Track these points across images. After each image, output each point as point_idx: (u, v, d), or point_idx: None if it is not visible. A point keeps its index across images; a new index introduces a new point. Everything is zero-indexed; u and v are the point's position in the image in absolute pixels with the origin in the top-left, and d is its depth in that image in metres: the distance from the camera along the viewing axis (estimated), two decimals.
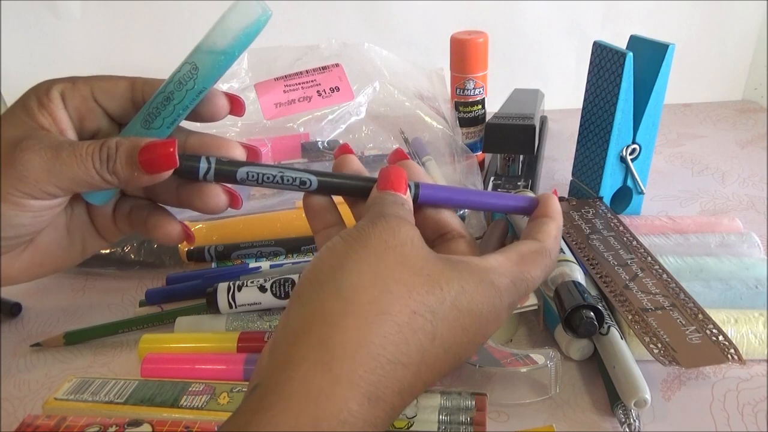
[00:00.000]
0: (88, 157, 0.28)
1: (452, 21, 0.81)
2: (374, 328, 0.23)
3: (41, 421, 0.35)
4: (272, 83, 0.56)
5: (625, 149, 0.52)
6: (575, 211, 0.51)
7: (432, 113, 0.62)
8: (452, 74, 0.63)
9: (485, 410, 0.34)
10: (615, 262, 0.44)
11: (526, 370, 0.36)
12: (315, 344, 0.23)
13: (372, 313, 0.23)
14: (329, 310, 0.23)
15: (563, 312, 0.37)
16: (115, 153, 0.28)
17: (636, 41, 0.51)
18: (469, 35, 0.60)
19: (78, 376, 0.39)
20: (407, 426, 0.34)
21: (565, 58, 0.86)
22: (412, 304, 0.24)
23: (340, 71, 0.58)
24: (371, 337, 0.23)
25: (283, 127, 0.63)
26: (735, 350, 0.35)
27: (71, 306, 0.50)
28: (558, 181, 0.65)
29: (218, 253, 0.52)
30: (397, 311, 0.24)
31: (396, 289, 0.24)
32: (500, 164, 0.62)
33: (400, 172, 0.30)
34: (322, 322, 0.23)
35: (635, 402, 0.34)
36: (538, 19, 0.84)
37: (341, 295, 0.24)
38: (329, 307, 0.24)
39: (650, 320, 0.38)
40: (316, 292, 0.24)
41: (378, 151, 0.66)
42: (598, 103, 0.52)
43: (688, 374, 0.39)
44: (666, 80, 0.50)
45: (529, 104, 0.63)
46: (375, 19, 0.85)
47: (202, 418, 0.35)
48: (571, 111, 0.67)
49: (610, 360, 0.37)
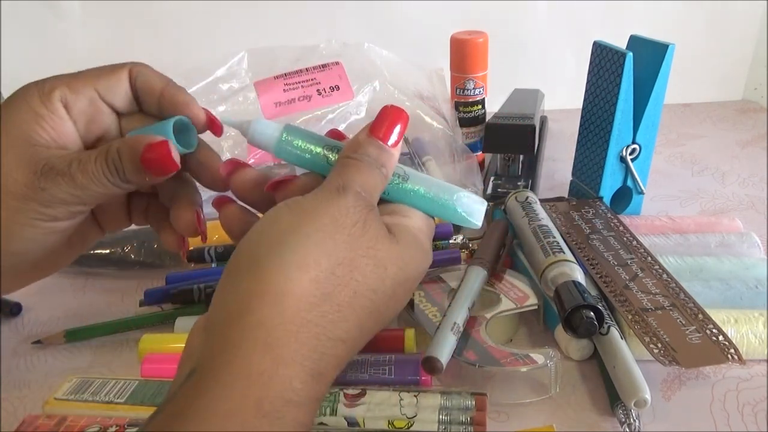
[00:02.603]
0: (100, 173, 0.28)
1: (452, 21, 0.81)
2: (316, 308, 0.23)
3: (41, 421, 0.35)
4: (272, 82, 0.56)
5: (625, 149, 0.52)
6: (575, 211, 0.51)
7: (432, 113, 0.62)
8: (452, 74, 0.63)
9: (485, 410, 0.34)
10: (615, 262, 0.44)
11: (526, 370, 0.36)
12: (255, 324, 0.22)
13: (315, 294, 0.23)
14: (270, 289, 0.22)
15: (563, 312, 0.37)
16: (120, 162, 0.28)
17: (636, 41, 0.51)
18: (469, 35, 0.60)
19: (78, 376, 0.39)
20: (407, 426, 0.34)
21: (565, 58, 0.86)
22: (355, 285, 0.24)
23: (341, 69, 0.58)
24: (312, 317, 0.22)
25: None
26: (735, 350, 0.35)
27: (71, 306, 0.50)
28: (558, 181, 0.65)
29: (218, 254, 0.52)
30: (339, 292, 0.23)
31: (340, 272, 0.23)
32: (500, 164, 0.62)
33: (400, 116, 0.28)
34: (262, 301, 0.22)
35: (635, 402, 0.34)
36: (538, 19, 0.84)
37: (283, 274, 0.23)
38: (270, 285, 0.22)
39: (650, 320, 0.38)
40: (255, 267, 0.23)
41: None
42: (598, 103, 0.52)
43: (688, 374, 0.39)
44: (666, 80, 0.50)
45: (529, 104, 0.63)
46: (375, 19, 0.85)
47: None
48: (571, 111, 0.67)
49: (610, 360, 0.37)
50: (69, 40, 0.83)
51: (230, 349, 0.22)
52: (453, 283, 0.44)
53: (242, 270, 0.24)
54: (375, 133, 0.28)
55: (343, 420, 0.35)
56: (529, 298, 0.42)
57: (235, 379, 0.21)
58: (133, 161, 0.28)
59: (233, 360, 0.21)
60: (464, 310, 0.38)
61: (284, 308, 0.22)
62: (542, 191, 0.62)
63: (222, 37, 0.85)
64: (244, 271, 0.23)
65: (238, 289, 0.23)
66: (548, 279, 0.41)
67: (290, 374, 0.22)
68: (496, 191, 0.59)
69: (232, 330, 0.22)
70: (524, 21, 0.84)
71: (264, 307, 0.22)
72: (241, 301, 0.23)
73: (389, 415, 0.34)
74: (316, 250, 0.23)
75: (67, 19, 0.83)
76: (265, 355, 0.21)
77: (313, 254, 0.23)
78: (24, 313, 0.49)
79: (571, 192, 0.58)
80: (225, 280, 0.24)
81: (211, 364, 0.22)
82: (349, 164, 0.27)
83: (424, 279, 0.45)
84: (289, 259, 0.23)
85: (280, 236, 0.24)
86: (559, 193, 0.59)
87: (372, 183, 0.27)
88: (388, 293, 0.25)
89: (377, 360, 0.38)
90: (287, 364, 0.22)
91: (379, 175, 0.27)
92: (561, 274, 0.40)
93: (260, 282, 0.23)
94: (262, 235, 0.24)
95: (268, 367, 0.21)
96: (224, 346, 0.22)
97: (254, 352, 0.21)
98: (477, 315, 0.40)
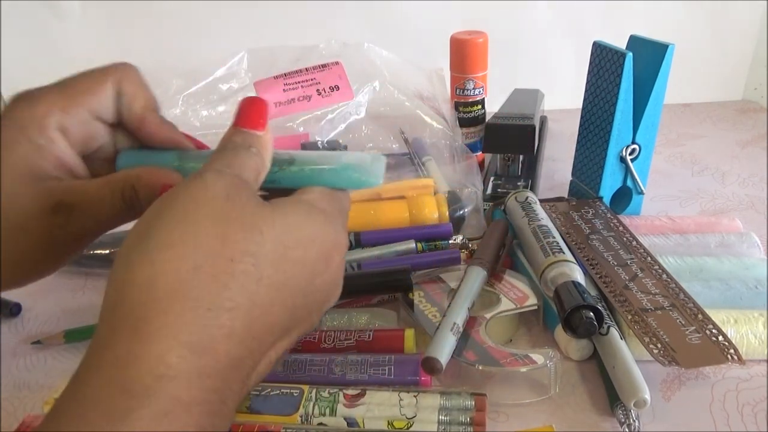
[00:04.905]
0: (117, 209, 0.29)
1: (452, 21, 0.81)
2: (186, 282, 0.22)
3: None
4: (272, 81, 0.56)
5: (624, 149, 0.52)
6: (575, 211, 0.52)
7: (432, 113, 0.62)
8: (452, 74, 0.63)
9: (485, 410, 0.34)
10: (615, 263, 0.44)
11: (525, 370, 0.36)
12: (127, 312, 0.22)
13: (183, 269, 0.23)
14: (138, 275, 0.23)
15: (563, 312, 0.37)
16: (138, 199, 0.29)
17: (636, 41, 0.51)
18: (469, 35, 0.60)
19: None
20: (407, 426, 0.34)
21: (565, 58, 0.86)
22: (228, 252, 0.23)
23: (340, 69, 0.58)
24: (184, 290, 0.22)
25: (282, 127, 0.63)
26: (735, 350, 0.35)
27: (71, 306, 0.50)
28: (558, 181, 0.65)
29: None
30: (211, 263, 0.23)
31: (207, 243, 0.23)
32: (500, 164, 0.62)
33: (255, 101, 0.29)
34: (132, 288, 0.23)
35: (635, 402, 0.34)
36: (538, 19, 0.84)
37: (148, 257, 0.23)
38: (138, 271, 0.23)
39: (650, 320, 0.38)
40: (126, 258, 0.24)
41: (378, 151, 0.66)
42: (598, 103, 0.52)
43: (687, 374, 0.39)
44: (666, 80, 0.50)
45: (529, 104, 0.63)
46: (375, 19, 0.85)
47: None
48: (570, 111, 0.67)
49: (609, 360, 0.37)
50: (69, 40, 0.83)
51: (102, 340, 0.22)
52: (453, 284, 0.44)
53: (118, 263, 0.24)
54: (237, 123, 0.28)
55: (343, 420, 0.35)
56: (528, 299, 0.42)
57: (101, 366, 0.21)
58: (150, 199, 0.28)
59: (103, 347, 0.22)
60: (464, 310, 0.38)
61: (153, 289, 0.22)
62: (542, 191, 0.62)
63: (222, 37, 0.85)
64: (120, 264, 0.24)
65: (114, 280, 0.24)
66: (548, 279, 0.41)
67: (160, 349, 0.21)
68: (496, 191, 0.59)
69: (108, 322, 0.23)
70: (524, 21, 0.84)
71: (134, 292, 0.23)
72: (117, 292, 0.23)
73: (389, 416, 0.34)
74: (179, 228, 0.24)
75: (67, 19, 0.83)
76: (133, 337, 0.22)
77: (177, 232, 0.23)
78: (24, 314, 0.49)
79: (571, 192, 0.58)
80: (109, 276, 0.24)
81: (87, 357, 0.22)
82: (213, 155, 0.27)
83: (423, 279, 0.46)
84: (153, 243, 0.23)
85: (146, 224, 0.24)
86: (558, 194, 0.59)
87: (239, 162, 0.27)
88: (275, 257, 0.25)
89: (377, 360, 0.38)
90: (156, 341, 0.22)
91: (247, 154, 0.27)
92: (561, 274, 0.40)
93: (129, 270, 0.23)
94: (133, 229, 0.25)
95: (136, 347, 0.21)
96: (99, 338, 0.22)
97: (122, 336, 0.22)
98: (477, 315, 0.40)
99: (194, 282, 0.23)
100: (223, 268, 0.23)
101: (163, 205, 0.24)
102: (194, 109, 0.62)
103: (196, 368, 0.22)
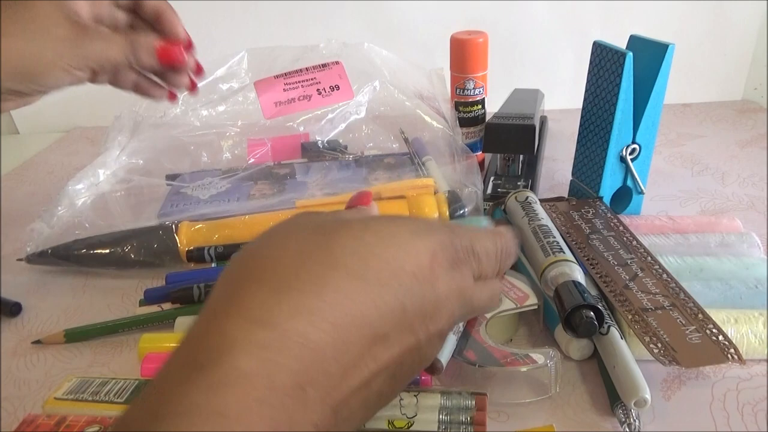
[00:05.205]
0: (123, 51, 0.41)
1: (452, 21, 0.81)
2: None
3: (41, 421, 0.35)
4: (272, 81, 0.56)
5: (625, 149, 0.52)
6: (575, 211, 0.52)
7: (432, 113, 0.62)
8: (452, 74, 0.63)
9: (485, 410, 0.34)
10: (615, 262, 0.44)
11: (525, 370, 0.36)
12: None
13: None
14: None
15: (563, 312, 0.37)
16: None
17: (636, 41, 0.51)
18: (469, 35, 0.60)
19: (78, 375, 0.39)
20: (407, 426, 0.34)
21: (565, 58, 0.86)
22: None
23: (340, 69, 0.58)
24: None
25: (283, 126, 0.64)
26: (735, 350, 0.35)
27: (71, 306, 0.50)
28: (558, 181, 0.65)
29: (218, 254, 0.52)
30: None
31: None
32: (500, 164, 0.62)
33: (365, 194, 0.33)
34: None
35: (635, 402, 0.34)
36: (538, 19, 0.84)
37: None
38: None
39: (650, 320, 0.38)
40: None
41: (378, 150, 0.66)
42: (598, 103, 0.52)
43: (688, 374, 0.39)
44: (666, 80, 0.50)
45: (529, 104, 0.63)
46: (375, 19, 0.85)
47: None
48: (571, 111, 0.67)
49: (610, 360, 0.37)
50: None
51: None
52: None
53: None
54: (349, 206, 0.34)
55: None
56: (529, 298, 0.42)
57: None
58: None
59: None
60: None
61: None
62: (542, 191, 0.62)
63: (222, 38, 0.85)
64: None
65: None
66: (548, 279, 0.41)
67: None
68: (496, 191, 0.59)
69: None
70: (524, 21, 0.84)
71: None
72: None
73: (389, 415, 0.34)
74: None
75: None
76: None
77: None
78: (24, 313, 0.49)
79: (571, 192, 0.58)
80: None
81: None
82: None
83: None
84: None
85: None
86: (559, 193, 0.59)
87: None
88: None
89: None
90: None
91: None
92: (561, 273, 0.40)
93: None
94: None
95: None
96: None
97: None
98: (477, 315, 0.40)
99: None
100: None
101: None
102: (194, 109, 0.62)
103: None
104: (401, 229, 0.25)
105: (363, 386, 0.22)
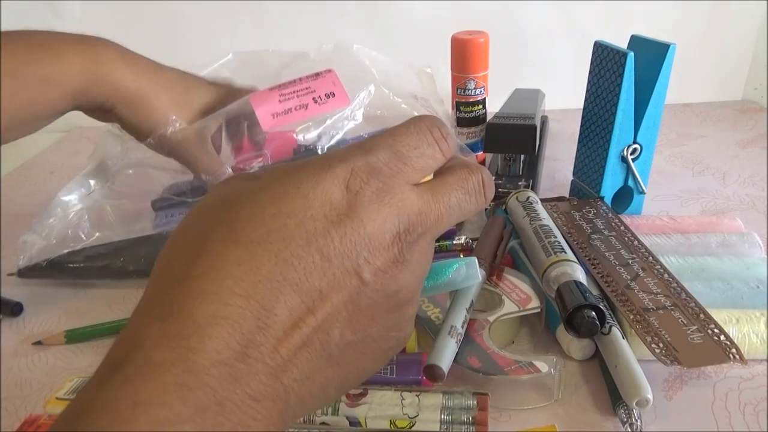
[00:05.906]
0: None
1: (452, 21, 0.81)
2: None
3: (43, 420, 0.35)
4: (267, 93, 0.55)
5: (626, 149, 0.52)
6: (576, 210, 0.52)
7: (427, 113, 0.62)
8: (453, 74, 0.63)
9: (487, 410, 0.34)
10: (616, 262, 0.44)
11: (528, 378, 0.36)
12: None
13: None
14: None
15: (565, 312, 0.37)
16: None
17: (637, 41, 0.51)
18: (469, 35, 0.60)
19: (79, 376, 0.39)
20: (409, 425, 0.34)
21: (566, 58, 0.86)
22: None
23: (333, 76, 0.58)
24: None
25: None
26: (736, 350, 0.35)
27: (72, 306, 0.50)
28: (559, 181, 0.65)
29: None
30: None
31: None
32: (501, 164, 0.62)
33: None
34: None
35: (637, 402, 0.34)
36: (538, 19, 0.84)
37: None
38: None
39: (652, 320, 0.38)
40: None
41: None
42: (599, 103, 0.52)
43: (689, 374, 0.39)
44: (667, 80, 0.50)
45: (530, 104, 0.63)
46: (374, 19, 0.85)
47: None
48: (571, 111, 0.67)
49: (611, 360, 0.37)
50: None
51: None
52: None
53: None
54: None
55: (345, 420, 0.35)
56: (531, 301, 0.41)
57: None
58: None
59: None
60: (462, 311, 0.37)
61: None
62: (543, 191, 0.62)
63: (222, 38, 0.85)
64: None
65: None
66: (550, 279, 0.41)
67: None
68: (497, 191, 0.59)
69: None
70: (525, 21, 0.84)
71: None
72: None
73: (391, 415, 0.34)
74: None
75: (67, 19, 0.83)
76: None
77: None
78: (24, 314, 0.49)
79: (572, 192, 0.58)
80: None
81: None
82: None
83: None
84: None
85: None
86: (560, 193, 0.59)
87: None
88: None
89: None
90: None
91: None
92: (562, 273, 0.40)
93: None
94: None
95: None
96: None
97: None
98: (480, 318, 0.40)
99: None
100: None
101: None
102: None
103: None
104: (300, 174, 0.23)
105: (306, 344, 0.22)
